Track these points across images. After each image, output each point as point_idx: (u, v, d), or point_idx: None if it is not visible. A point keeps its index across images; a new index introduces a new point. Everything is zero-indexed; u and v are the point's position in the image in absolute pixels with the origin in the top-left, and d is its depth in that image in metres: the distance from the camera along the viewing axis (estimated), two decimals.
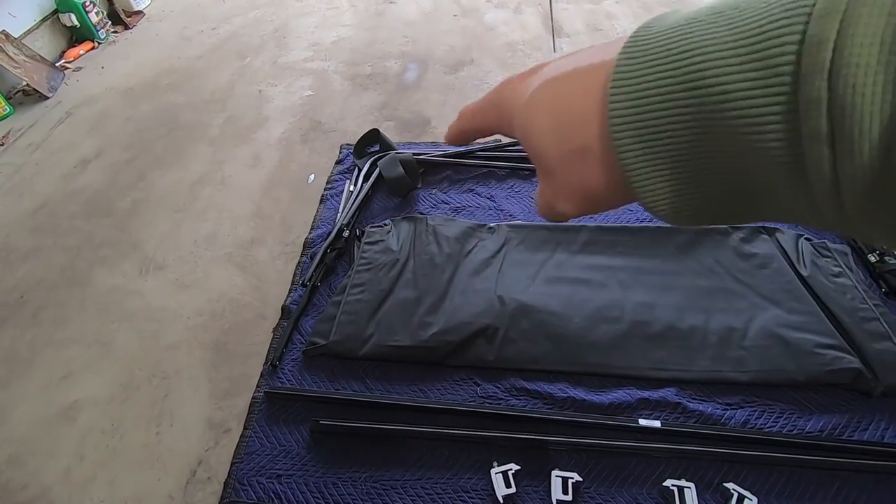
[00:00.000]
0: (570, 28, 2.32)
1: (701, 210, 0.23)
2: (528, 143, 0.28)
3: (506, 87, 0.30)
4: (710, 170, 0.21)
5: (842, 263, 1.26)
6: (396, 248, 1.36)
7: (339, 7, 2.63)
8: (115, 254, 1.48)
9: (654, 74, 0.21)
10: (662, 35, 0.21)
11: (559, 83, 0.26)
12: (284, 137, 1.83)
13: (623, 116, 0.22)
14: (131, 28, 2.55)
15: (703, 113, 0.20)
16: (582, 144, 0.24)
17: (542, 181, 0.29)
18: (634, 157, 0.22)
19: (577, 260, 1.34)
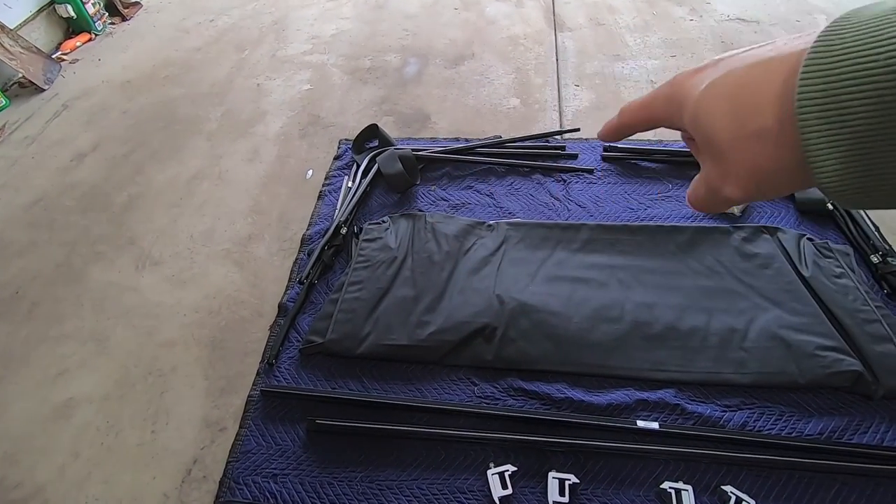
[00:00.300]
0: (572, 22, 2.29)
1: (872, 189, 0.24)
2: (700, 128, 0.28)
3: (679, 79, 0.31)
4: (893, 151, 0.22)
5: (844, 264, 1.25)
6: (395, 245, 1.35)
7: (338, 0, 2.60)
8: (111, 249, 1.47)
9: (850, 59, 0.22)
10: (862, 24, 0.22)
11: (742, 72, 0.27)
12: (283, 132, 1.81)
13: (811, 95, 0.23)
14: (129, 19, 2.53)
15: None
16: (761, 126, 0.26)
17: (709, 165, 0.29)
18: (818, 136, 0.23)
19: (578, 258, 1.32)
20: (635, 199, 1.48)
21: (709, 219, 1.41)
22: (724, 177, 0.28)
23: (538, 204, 1.49)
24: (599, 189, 1.51)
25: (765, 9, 2.28)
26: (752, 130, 0.26)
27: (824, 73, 0.23)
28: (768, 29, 2.16)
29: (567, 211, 1.46)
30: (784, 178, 0.27)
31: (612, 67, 1.99)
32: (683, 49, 2.07)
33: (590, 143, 1.65)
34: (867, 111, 0.22)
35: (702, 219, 1.41)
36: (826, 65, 0.23)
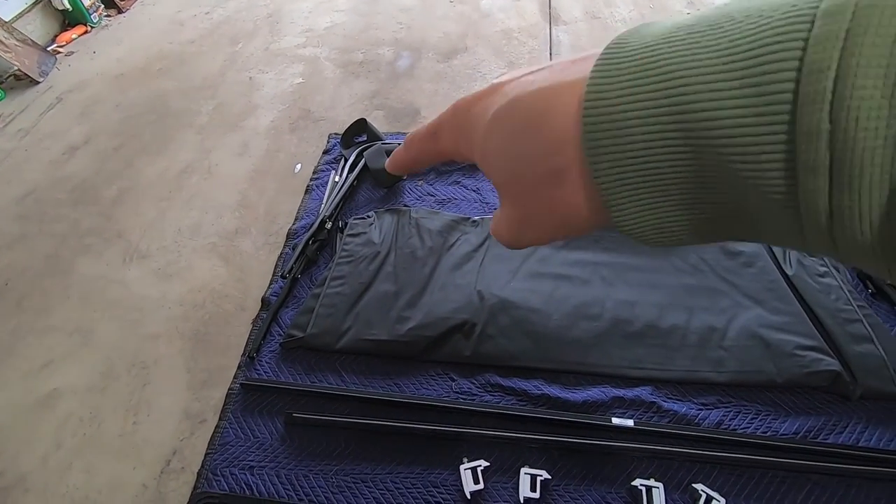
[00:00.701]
0: (567, 16, 2.27)
1: (683, 234, 0.23)
2: (490, 168, 0.26)
3: (462, 106, 0.27)
4: (696, 197, 0.21)
5: (828, 263, 1.24)
6: (378, 240, 1.36)
7: None
8: (99, 242, 1.48)
9: (632, 97, 0.20)
10: (639, 52, 0.20)
11: (526, 102, 0.24)
12: (273, 126, 1.82)
13: (599, 141, 0.20)
14: (125, 11, 2.54)
15: (690, 140, 0.19)
16: (557, 167, 0.23)
17: (506, 208, 0.27)
18: (613, 184, 0.21)
19: (561, 255, 1.32)
20: None
21: None
22: (522, 222, 0.26)
23: None
24: None
25: None
26: (547, 171, 0.23)
27: (608, 111, 0.20)
28: None
29: None
30: (594, 220, 0.24)
31: None
32: None
33: None
34: (661, 158, 0.20)
35: None
36: (609, 101, 0.20)
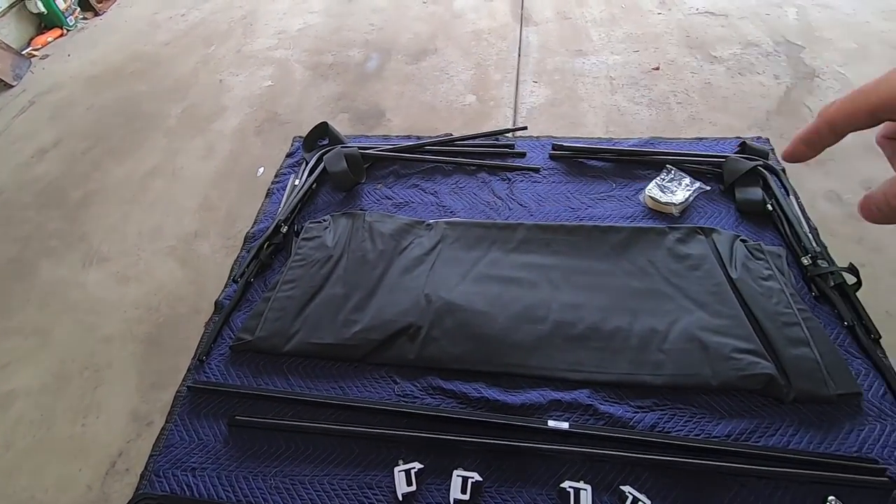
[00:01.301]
0: (539, 16, 2.27)
1: None
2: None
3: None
4: None
5: (774, 266, 1.25)
6: (332, 244, 1.37)
7: None
8: (62, 245, 1.50)
9: None
10: None
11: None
12: (239, 128, 1.83)
13: None
14: (101, 14, 2.55)
15: None
16: None
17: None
18: None
19: (511, 258, 1.33)
20: (577, 198, 1.48)
21: (646, 219, 1.41)
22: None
23: (480, 203, 1.50)
24: (543, 188, 1.52)
25: (734, 2, 2.24)
26: None
27: None
28: (736, 22, 2.13)
29: (508, 210, 1.47)
30: None
31: (573, 63, 1.97)
32: (647, 44, 2.05)
33: (539, 142, 1.65)
34: None
35: (640, 220, 1.41)
36: None
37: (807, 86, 1.79)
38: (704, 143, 1.62)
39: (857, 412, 1.03)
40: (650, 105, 1.78)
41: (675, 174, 1.45)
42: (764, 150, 1.52)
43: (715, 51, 1.99)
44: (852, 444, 0.99)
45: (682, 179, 1.44)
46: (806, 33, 2.04)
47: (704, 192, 1.43)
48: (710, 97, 1.79)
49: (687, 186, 1.42)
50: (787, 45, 1.99)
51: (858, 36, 1.99)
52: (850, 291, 1.18)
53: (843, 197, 1.43)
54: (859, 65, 1.86)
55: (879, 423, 1.01)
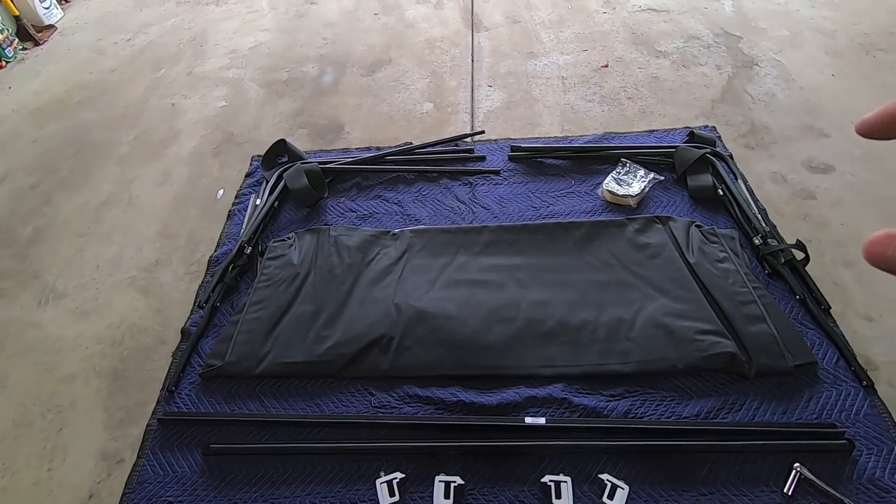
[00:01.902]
0: (489, 21, 2.31)
1: None
2: None
3: None
4: None
5: (727, 248, 1.30)
6: (297, 261, 1.36)
7: (258, 10, 2.57)
8: (13, 285, 1.44)
9: None
10: None
11: None
12: (196, 152, 1.80)
13: None
14: (42, 43, 2.46)
15: None
16: None
17: None
18: None
19: (478, 262, 1.35)
20: (538, 197, 1.52)
21: (606, 213, 1.45)
22: None
23: (444, 209, 1.51)
24: (504, 190, 1.54)
25: None
26: None
27: None
28: (678, 17, 2.22)
29: (472, 214, 1.49)
30: None
31: (526, 65, 2.02)
32: (595, 42, 2.11)
33: (498, 145, 1.68)
34: None
35: (600, 213, 1.45)
36: None
37: (746, 74, 1.88)
38: (655, 135, 1.68)
39: (814, 381, 1.08)
40: (602, 101, 1.83)
41: (630, 167, 1.50)
42: (711, 138, 1.59)
43: (660, 46, 2.06)
44: (812, 411, 1.04)
45: (636, 171, 1.48)
46: (742, 24, 2.14)
47: (659, 182, 1.49)
48: (658, 90, 1.85)
49: (642, 178, 1.46)
50: (726, 36, 2.08)
51: (790, 24, 2.10)
52: (800, 266, 1.25)
53: (787, 177, 1.50)
54: (793, 51, 1.96)
55: (835, 390, 1.06)
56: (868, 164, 1.50)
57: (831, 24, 2.08)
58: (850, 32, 2.01)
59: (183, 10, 2.66)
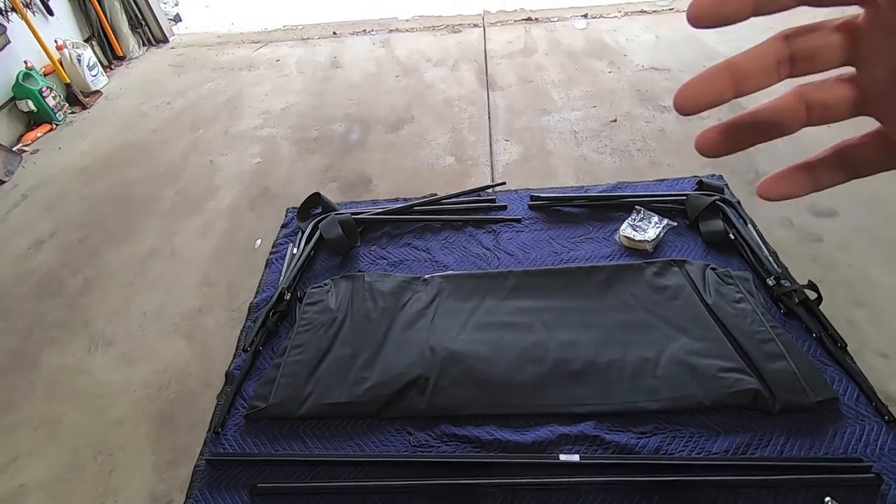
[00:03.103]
0: (503, 81, 2.49)
1: None
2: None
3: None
4: None
5: (743, 289, 1.37)
6: (335, 306, 1.44)
7: (288, 75, 2.79)
8: (65, 333, 1.52)
9: None
10: None
11: None
12: (233, 205, 1.92)
13: None
14: (89, 107, 2.67)
15: None
16: None
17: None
18: None
19: (505, 305, 1.42)
20: (559, 243, 1.61)
21: (624, 257, 1.53)
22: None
23: (471, 255, 1.60)
24: (526, 236, 1.64)
25: (674, 58, 2.52)
26: None
27: None
28: (678, 75, 2.38)
29: (497, 259, 1.58)
30: None
31: (539, 121, 2.16)
32: (603, 99, 2.27)
33: (518, 194, 1.79)
34: None
35: (618, 258, 1.53)
36: None
37: None
38: (666, 183, 1.79)
39: (837, 416, 1.12)
40: (613, 153, 1.96)
41: (644, 214, 1.59)
42: (719, 186, 1.70)
43: (663, 101, 2.21)
44: (838, 446, 1.08)
45: (651, 218, 1.58)
46: None
47: (672, 228, 1.58)
48: (665, 142, 1.98)
49: (656, 224, 1.56)
50: None
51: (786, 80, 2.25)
52: (814, 306, 1.32)
53: (794, 222, 1.59)
54: None
55: (858, 425, 1.10)
56: (870, 209, 1.59)
57: None
58: None
59: (218, 75, 2.88)
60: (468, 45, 2.88)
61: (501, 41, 2.88)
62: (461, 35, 3.01)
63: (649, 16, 3.00)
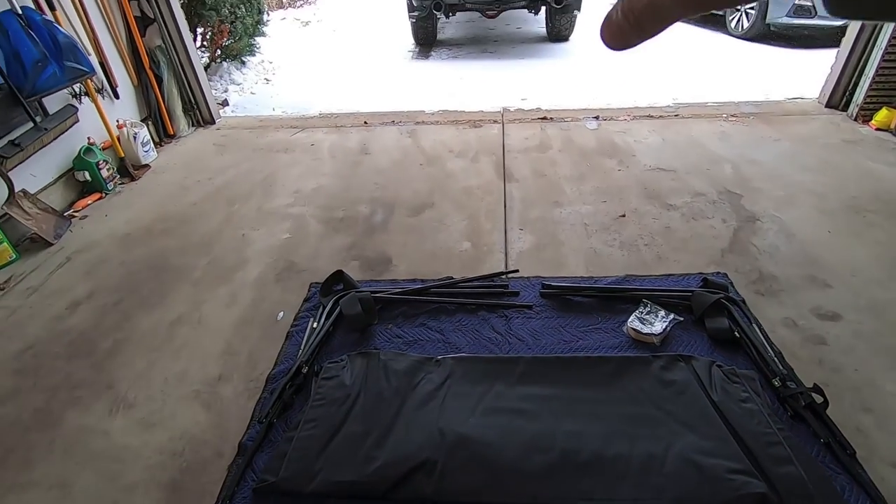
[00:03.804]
0: (519, 174, 2.68)
1: None
2: None
3: None
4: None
5: (749, 388, 1.40)
6: (350, 382, 1.49)
7: (321, 158, 3.03)
8: (89, 394, 1.58)
9: None
10: None
11: None
12: (260, 277, 2.04)
13: None
14: (137, 179, 2.90)
15: None
16: None
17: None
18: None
19: (515, 391, 1.46)
20: (568, 331, 1.67)
21: (631, 349, 1.58)
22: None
23: (483, 339, 1.66)
24: (537, 323, 1.70)
25: (679, 160, 2.70)
26: None
27: None
28: (684, 176, 2.54)
29: (508, 344, 1.63)
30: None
31: (552, 213, 2.30)
32: (612, 195, 2.42)
33: (530, 282, 1.88)
34: None
35: (626, 349, 1.58)
36: None
37: (751, 228, 2.12)
38: (672, 279, 1.87)
39: None
40: (622, 247, 2.06)
41: (652, 307, 1.66)
42: (724, 284, 1.77)
43: (670, 200, 2.35)
44: None
45: (658, 312, 1.64)
46: (741, 184, 2.44)
47: (679, 323, 1.63)
48: (672, 239, 2.09)
49: (663, 318, 1.62)
50: (728, 194, 2.37)
51: (784, 185, 2.40)
52: (821, 410, 1.34)
53: (798, 323, 1.63)
54: (790, 209, 2.21)
55: None
56: (873, 314, 1.63)
57: (821, 187, 2.36)
58: (840, 195, 2.28)
59: (257, 156, 3.14)
60: (488, 139, 3.13)
61: (518, 137, 3.12)
62: (482, 130, 3.26)
63: (656, 120, 3.24)
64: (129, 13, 3.04)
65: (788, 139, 2.88)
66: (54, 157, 2.59)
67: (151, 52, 3.22)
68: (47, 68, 2.29)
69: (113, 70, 2.94)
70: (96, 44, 2.82)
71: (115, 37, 2.98)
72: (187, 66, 3.45)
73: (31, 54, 2.23)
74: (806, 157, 2.65)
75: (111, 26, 2.94)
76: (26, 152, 2.36)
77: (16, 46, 2.20)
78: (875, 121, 2.91)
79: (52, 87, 2.36)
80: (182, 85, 3.46)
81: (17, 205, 2.31)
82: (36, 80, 2.27)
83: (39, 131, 2.39)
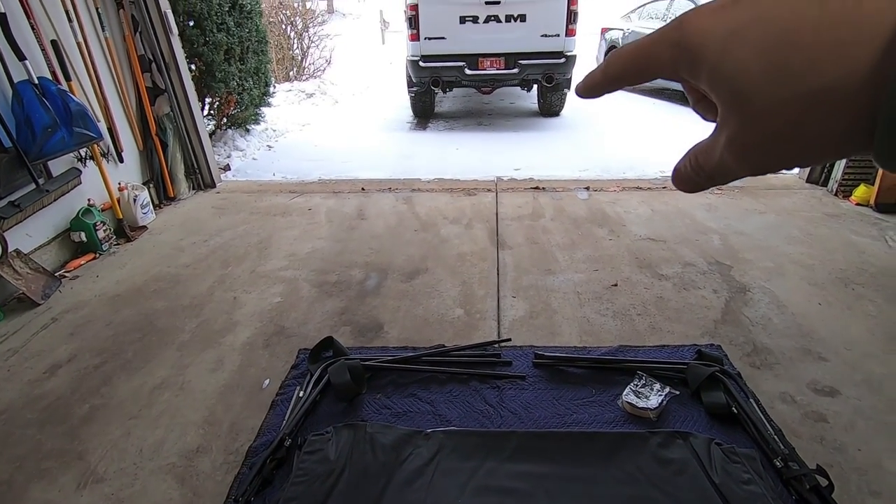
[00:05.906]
0: (512, 241, 2.72)
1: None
2: (729, 83, 0.24)
3: (692, 21, 0.25)
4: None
5: (751, 469, 1.34)
6: (334, 457, 1.42)
7: (317, 222, 3.07)
8: (57, 466, 1.50)
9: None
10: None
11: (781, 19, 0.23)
12: (248, 342, 2.00)
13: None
14: (133, 240, 2.92)
15: None
16: (820, 87, 0.22)
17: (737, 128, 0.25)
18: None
19: (507, 468, 1.39)
20: (562, 404, 1.62)
21: (627, 424, 1.53)
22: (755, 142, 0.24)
23: (474, 411, 1.61)
24: (530, 395, 1.66)
25: (669, 230, 2.76)
26: (806, 90, 0.22)
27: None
28: (674, 246, 2.59)
29: (500, 417, 1.58)
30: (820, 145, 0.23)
31: (545, 280, 2.31)
32: (604, 264, 2.45)
33: (522, 351, 1.85)
34: None
35: (622, 424, 1.53)
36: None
37: (741, 298, 2.13)
38: (666, 350, 1.85)
39: None
40: (615, 316, 2.05)
41: (647, 380, 1.63)
42: (718, 357, 1.75)
43: (661, 270, 2.38)
44: None
45: (653, 385, 1.61)
46: (730, 255, 2.48)
47: (675, 397, 1.59)
48: (664, 309, 2.09)
49: (658, 392, 1.58)
50: (718, 264, 2.40)
51: (772, 257, 2.44)
52: (827, 494, 1.27)
53: (796, 398, 1.60)
54: (779, 280, 2.24)
55: None
56: (871, 390, 1.61)
57: (809, 258, 2.41)
58: (827, 267, 2.32)
59: (254, 218, 3.18)
60: (482, 206, 3.20)
61: (512, 205, 3.20)
62: (476, 198, 3.35)
63: (644, 192, 3.35)
64: (142, 84, 3.20)
65: (773, 211, 2.97)
66: (52, 217, 2.62)
67: (159, 119, 3.36)
68: (56, 133, 2.37)
69: (120, 135, 3.05)
70: (107, 111, 2.94)
71: (125, 105, 3.12)
72: (193, 133, 3.59)
73: (42, 120, 2.32)
74: (791, 230, 2.72)
75: (122, 95, 3.09)
76: (25, 213, 2.39)
77: (28, 113, 2.29)
78: (854, 196, 3.02)
79: (59, 151, 2.43)
80: (186, 150, 3.57)
81: (9, 264, 2.30)
82: (44, 144, 2.34)
83: (41, 193, 2.43)
